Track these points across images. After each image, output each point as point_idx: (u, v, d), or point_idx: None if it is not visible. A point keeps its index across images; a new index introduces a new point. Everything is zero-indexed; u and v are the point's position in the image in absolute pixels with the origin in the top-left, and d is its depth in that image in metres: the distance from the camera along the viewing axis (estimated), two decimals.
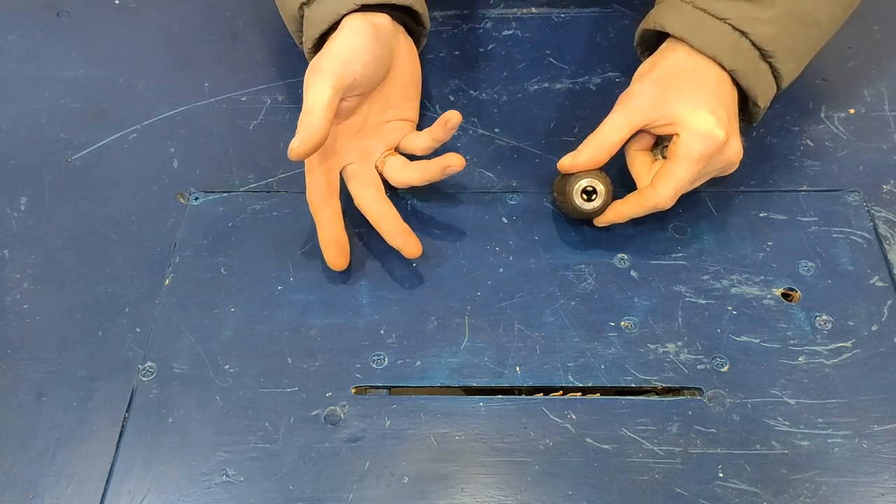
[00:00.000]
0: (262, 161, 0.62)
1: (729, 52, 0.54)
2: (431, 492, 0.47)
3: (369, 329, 0.53)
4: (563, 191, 0.56)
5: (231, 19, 0.72)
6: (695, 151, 0.52)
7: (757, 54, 0.54)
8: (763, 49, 0.54)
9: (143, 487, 0.47)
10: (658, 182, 0.53)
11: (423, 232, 0.58)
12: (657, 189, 0.53)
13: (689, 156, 0.52)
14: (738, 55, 0.54)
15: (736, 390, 0.50)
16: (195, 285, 0.55)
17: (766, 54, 0.54)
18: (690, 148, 0.52)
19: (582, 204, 0.55)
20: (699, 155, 0.52)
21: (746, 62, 0.54)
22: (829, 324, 0.53)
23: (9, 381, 0.52)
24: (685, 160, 0.52)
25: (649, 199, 0.53)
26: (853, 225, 0.57)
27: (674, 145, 0.53)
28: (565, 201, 0.56)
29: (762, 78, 0.55)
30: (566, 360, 0.52)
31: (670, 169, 0.53)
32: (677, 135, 0.53)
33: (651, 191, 0.53)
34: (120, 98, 0.66)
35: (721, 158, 0.54)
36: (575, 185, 0.55)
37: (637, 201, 0.54)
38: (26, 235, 0.58)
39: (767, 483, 0.47)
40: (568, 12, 0.72)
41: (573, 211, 0.56)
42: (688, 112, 0.52)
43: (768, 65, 0.55)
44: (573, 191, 0.55)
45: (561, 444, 0.49)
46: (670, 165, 0.53)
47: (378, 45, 0.54)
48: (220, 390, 0.51)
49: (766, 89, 0.56)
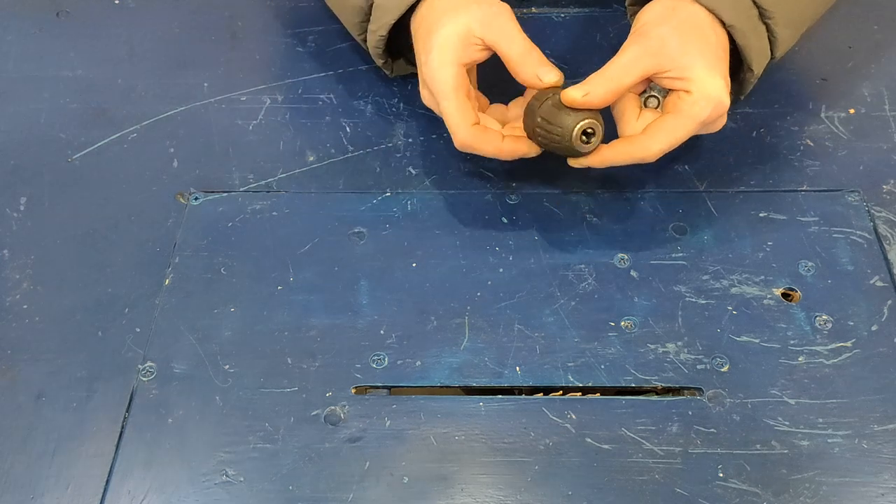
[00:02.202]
0: (262, 161, 0.62)
1: (730, 6, 0.53)
2: (431, 492, 0.47)
3: (369, 329, 0.53)
4: (558, 124, 0.52)
5: (231, 19, 0.72)
6: (702, 114, 0.51)
7: (756, 13, 0.54)
8: (763, 8, 0.53)
9: (143, 487, 0.47)
10: (655, 135, 0.52)
11: (424, 232, 0.58)
12: (652, 141, 0.51)
13: (694, 117, 0.51)
14: (738, 11, 0.53)
15: (736, 390, 0.50)
16: (195, 285, 0.55)
17: (766, 14, 0.54)
18: (698, 109, 0.51)
19: (580, 146, 0.52)
20: (705, 118, 0.51)
21: (746, 20, 0.53)
22: (829, 324, 0.53)
23: (9, 381, 0.52)
24: (689, 120, 0.51)
25: (640, 150, 0.52)
26: (853, 225, 0.57)
27: (680, 101, 0.52)
28: (556, 136, 0.52)
29: (759, 39, 0.54)
30: (566, 360, 0.52)
31: (671, 124, 0.51)
32: (687, 92, 0.51)
33: (644, 141, 0.52)
34: (120, 98, 0.66)
35: (715, 124, 0.53)
36: (578, 122, 0.51)
37: (626, 150, 0.52)
38: (26, 235, 0.58)
39: (767, 483, 0.47)
40: (568, 12, 0.72)
41: (563, 148, 0.52)
42: (704, 73, 0.51)
43: (766, 26, 0.54)
44: (574, 130, 0.51)
45: (561, 444, 0.49)
46: (672, 120, 0.51)
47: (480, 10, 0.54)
48: (220, 390, 0.51)
49: (761, 53, 0.55)
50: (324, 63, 0.69)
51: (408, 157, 0.62)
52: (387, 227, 0.58)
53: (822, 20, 0.64)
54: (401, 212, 0.59)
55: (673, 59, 0.52)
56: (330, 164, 0.62)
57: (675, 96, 0.52)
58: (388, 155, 0.62)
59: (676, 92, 0.53)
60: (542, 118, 0.53)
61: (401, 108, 0.66)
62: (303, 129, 0.64)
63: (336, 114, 0.65)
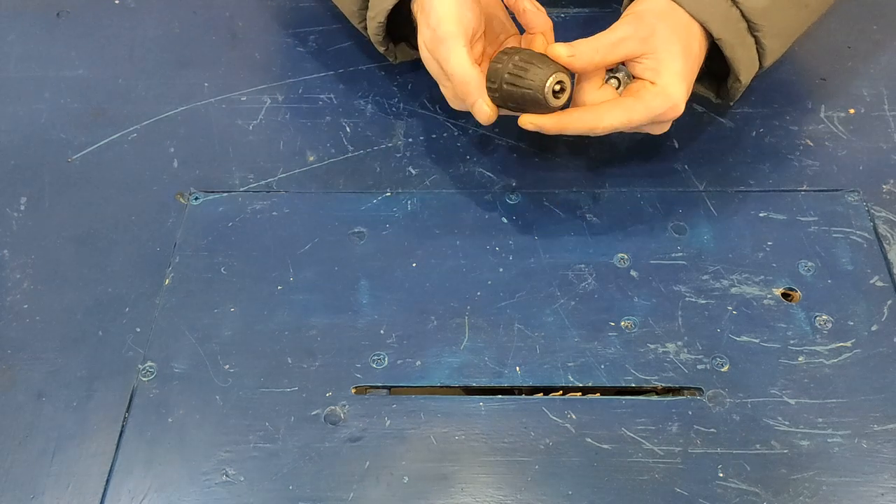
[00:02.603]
0: (262, 161, 0.62)
1: (719, 19, 0.54)
2: (431, 492, 0.47)
3: (369, 329, 0.53)
4: (531, 76, 0.51)
5: (231, 19, 0.73)
6: (657, 108, 0.53)
7: (745, 26, 0.55)
8: (752, 21, 0.55)
9: (143, 487, 0.47)
10: (611, 110, 0.53)
11: (424, 232, 0.58)
12: (608, 115, 0.53)
13: (652, 108, 0.53)
14: (727, 25, 0.55)
15: (736, 390, 0.50)
16: (195, 285, 0.55)
17: (754, 27, 0.55)
18: (657, 102, 0.53)
19: (551, 99, 0.52)
20: (658, 113, 0.53)
21: (735, 33, 0.55)
22: (829, 324, 0.53)
23: (9, 381, 0.52)
24: (645, 110, 0.53)
25: (594, 120, 0.53)
26: (853, 225, 0.57)
27: (643, 89, 0.54)
28: (527, 88, 0.52)
29: (747, 51, 0.56)
30: (566, 360, 0.52)
31: (629, 105, 0.53)
32: (653, 83, 0.53)
33: (600, 112, 0.53)
34: (120, 98, 0.66)
35: (661, 126, 0.56)
36: (550, 76, 0.51)
37: (581, 118, 0.54)
38: (26, 235, 0.58)
39: (767, 483, 0.47)
40: (568, 12, 0.72)
41: (528, 100, 0.52)
42: (674, 75, 0.53)
43: (754, 39, 0.56)
44: (548, 81, 0.51)
45: (561, 443, 0.49)
46: (630, 103, 0.53)
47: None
48: (220, 390, 0.51)
49: (749, 64, 0.57)
50: (324, 63, 0.69)
51: (408, 157, 0.62)
52: (387, 227, 0.58)
53: (822, 20, 0.64)
54: (401, 212, 0.59)
55: (655, 50, 0.54)
56: (330, 164, 0.62)
57: (640, 84, 0.54)
58: (388, 155, 0.63)
59: (642, 81, 0.54)
60: (514, 65, 0.52)
61: (401, 108, 0.66)
62: (303, 129, 0.64)
63: (336, 114, 0.65)
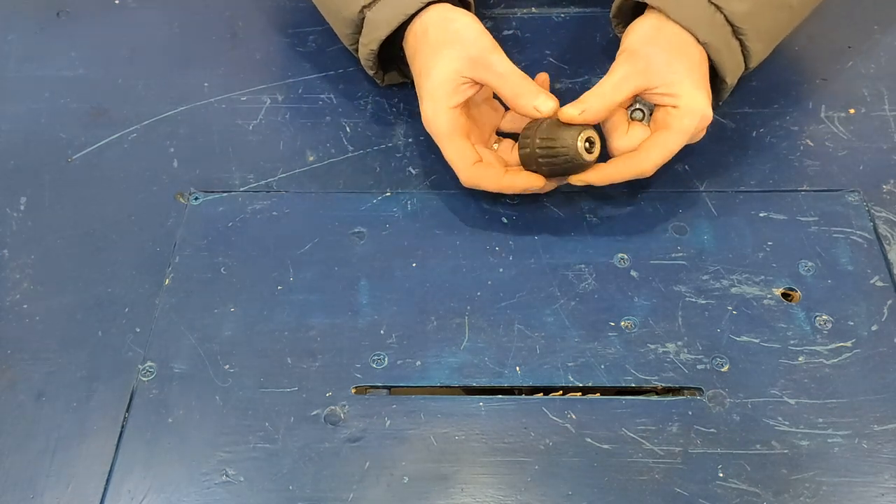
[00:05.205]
0: (261, 161, 0.62)
1: (704, 25, 0.55)
2: (431, 492, 0.47)
3: (369, 329, 0.53)
4: (560, 140, 0.53)
5: (231, 19, 0.72)
6: (689, 127, 0.54)
7: (729, 30, 0.56)
8: (735, 25, 0.56)
9: (143, 487, 0.47)
10: (650, 150, 0.54)
11: (424, 232, 0.58)
12: (648, 156, 0.54)
13: (684, 130, 0.54)
14: (712, 29, 0.55)
15: (736, 390, 0.50)
16: (195, 285, 0.55)
17: (738, 31, 0.56)
18: (686, 123, 0.54)
19: (585, 155, 0.53)
20: (693, 131, 0.54)
21: (720, 37, 0.56)
22: (829, 324, 0.53)
23: (9, 381, 0.52)
24: (679, 134, 0.54)
25: (638, 165, 0.55)
26: (853, 225, 0.57)
27: (669, 116, 0.54)
28: (560, 151, 0.53)
29: (732, 55, 0.57)
30: (566, 360, 0.52)
31: (663, 139, 0.54)
32: (675, 107, 0.54)
33: (641, 157, 0.55)
34: (120, 98, 0.66)
35: (699, 135, 0.56)
36: (579, 134, 0.53)
37: (626, 166, 0.55)
38: (26, 235, 0.58)
39: (767, 483, 0.47)
40: (568, 12, 0.72)
41: (567, 162, 0.54)
42: (689, 89, 0.54)
43: (739, 42, 0.57)
44: (578, 140, 0.53)
45: (561, 443, 0.49)
46: (664, 136, 0.54)
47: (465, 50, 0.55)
48: (220, 390, 0.51)
49: (735, 67, 0.58)
50: (324, 63, 0.69)
51: (408, 157, 0.62)
52: (387, 227, 0.58)
53: (823, 20, 0.65)
54: (401, 212, 0.59)
55: (661, 77, 0.54)
56: (330, 164, 0.62)
57: (664, 111, 0.55)
58: (388, 155, 0.63)
59: (664, 107, 0.55)
60: (541, 139, 0.54)
61: (401, 108, 0.66)
62: (303, 129, 0.64)
63: (336, 114, 0.65)
